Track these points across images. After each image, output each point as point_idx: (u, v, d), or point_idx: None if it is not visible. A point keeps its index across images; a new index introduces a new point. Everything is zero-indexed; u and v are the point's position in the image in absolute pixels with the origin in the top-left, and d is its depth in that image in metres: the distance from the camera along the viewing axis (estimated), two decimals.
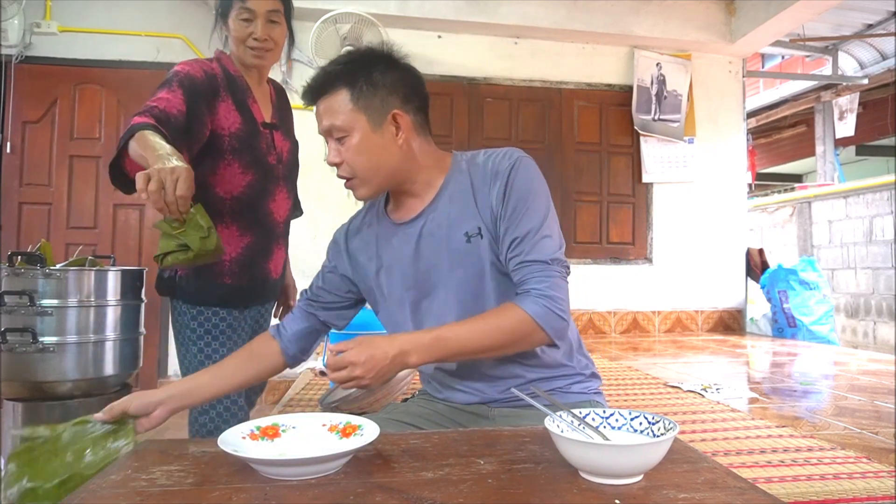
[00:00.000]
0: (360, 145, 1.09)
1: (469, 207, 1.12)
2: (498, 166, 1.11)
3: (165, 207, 1.06)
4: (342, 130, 1.09)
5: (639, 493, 0.68)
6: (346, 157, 1.10)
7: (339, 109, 1.09)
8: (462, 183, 1.14)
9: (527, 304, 1.03)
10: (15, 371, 1.66)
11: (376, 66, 1.11)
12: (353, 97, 1.08)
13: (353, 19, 3.80)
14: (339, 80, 1.09)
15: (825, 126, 7.78)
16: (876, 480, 1.39)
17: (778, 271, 4.65)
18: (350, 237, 1.27)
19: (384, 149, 1.11)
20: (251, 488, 0.70)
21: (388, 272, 1.19)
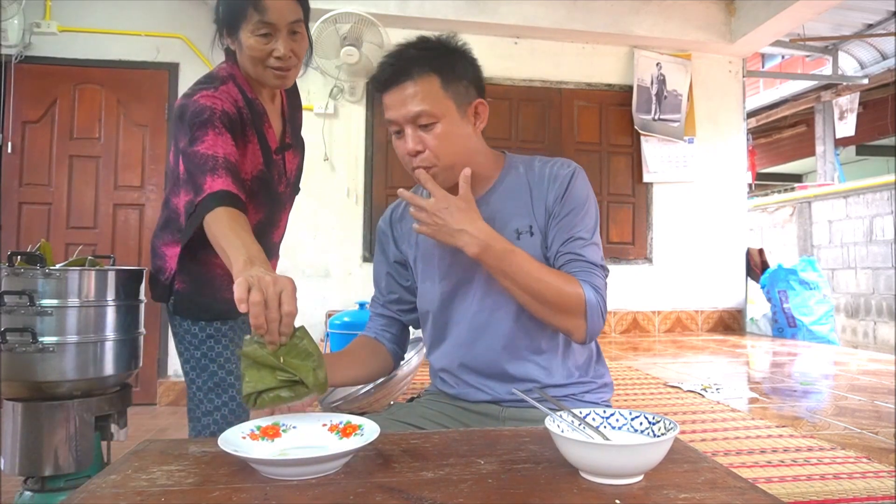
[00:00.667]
0: (449, 133, 1.09)
1: (524, 206, 1.15)
2: (557, 172, 1.15)
3: (264, 326, 0.86)
4: (432, 117, 1.07)
5: (639, 493, 0.68)
6: (430, 144, 1.08)
7: (431, 95, 1.07)
8: (518, 182, 1.17)
9: (588, 290, 1.05)
10: (15, 371, 1.66)
11: (459, 56, 1.12)
12: (443, 84, 1.08)
13: (353, 19, 3.80)
14: (428, 65, 1.08)
15: (825, 126, 7.78)
16: (876, 480, 1.39)
17: (778, 271, 4.65)
18: (394, 223, 1.29)
19: (468, 138, 1.13)
20: (251, 488, 0.70)
21: (424, 259, 1.21)
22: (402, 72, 1.08)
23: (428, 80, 1.07)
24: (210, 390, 1.55)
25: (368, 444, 0.79)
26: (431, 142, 1.08)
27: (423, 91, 1.07)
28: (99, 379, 1.77)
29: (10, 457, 1.69)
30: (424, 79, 1.07)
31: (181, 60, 4.06)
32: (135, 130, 4.03)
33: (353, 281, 4.15)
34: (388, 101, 1.10)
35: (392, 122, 1.11)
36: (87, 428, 1.74)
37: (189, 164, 1.27)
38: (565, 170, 1.15)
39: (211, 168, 1.21)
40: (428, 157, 1.09)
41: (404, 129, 1.09)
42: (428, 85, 1.07)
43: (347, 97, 4.18)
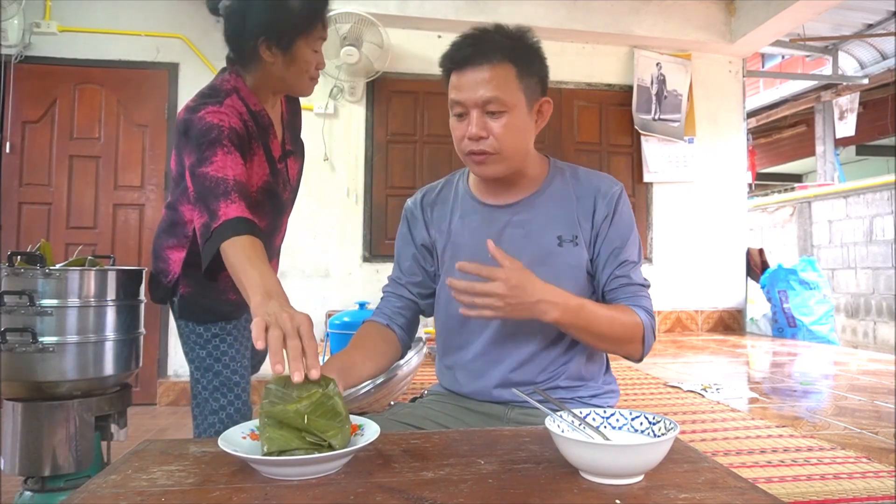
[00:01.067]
0: (515, 125, 1.08)
1: (568, 214, 1.15)
2: (606, 189, 1.16)
3: (282, 364, 0.81)
4: (503, 105, 1.06)
5: (639, 493, 0.68)
6: (496, 132, 1.07)
7: (506, 84, 1.06)
8: (564, 189, 1.17)
9: (643, 315, 1.09)
10: (15, 371, 1.66)
11: (535, 51, 1.11)
12: (518, 75, 1.07)
13: (353, 19, 3.80)
14: (507, 54, 1.07)
15: (825, 126, 7.78)
16: (876, 480, 1.39)
17: (778, 271, 4.65)
18: (426, 207, 1.25)
19: (530, 133, 1.12)
20: (251, 488, 0.70)
21: (454, 249, 1.19)
22: (481, 54, 1.06)
23: (505, 68, 1.06)
24: (215, 389, 1.55)
25: (369, 444, 0.79)
26: (497, 130, 1.07)
27: (500, 78, 1.06)
28: (99, 379, 1.77)
29: (10, 457, 1.69)
30: (503, 66, 1.06)
31: (181, 60, 4.06)
32: (135, 130, 4.03)
33: (353, 281, 4.15)
34: (460, 81, 1.08)
35: (458, 103, 1.09)
36: (87, 428, 1.74)
37: (199, 186, 1.26)
38: (613, 188, 1.16)
39: (223, 192, 1.21)
40: (491, 143, 1.07)
41: (470, 112, 1.07)
42: (504, 73, 1.06)
43: (347, 97, 4.18)
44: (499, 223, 1.16)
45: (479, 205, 1.19)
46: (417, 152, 4.30)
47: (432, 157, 4.28)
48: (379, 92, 4.24)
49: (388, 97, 4.25)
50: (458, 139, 1.11)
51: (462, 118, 1.10)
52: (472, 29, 1.11)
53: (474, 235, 1.16)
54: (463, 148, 1.11)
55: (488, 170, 1.11)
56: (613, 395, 1.23)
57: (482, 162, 1.10)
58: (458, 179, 1.26)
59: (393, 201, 4.22)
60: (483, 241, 1.11)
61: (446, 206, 1.23)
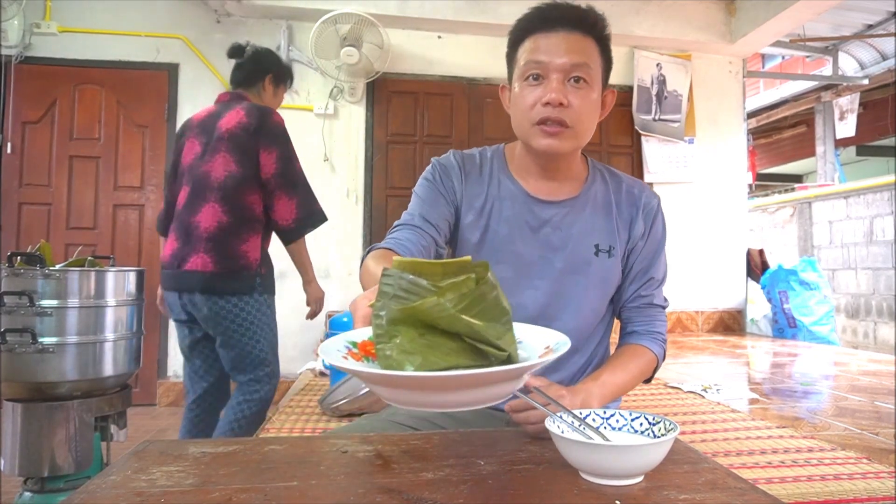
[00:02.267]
0: (593, 101, 1.04)
1: (607, 224, 1.12)
2: (646, 201, 1.14)
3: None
4: (589, 76, 1.01)
5: (639, 494, 0.68)
6: (576, 103, 1.01)
7: (592, 57, 1.02)
8: (605, 195, 1.14)
9: (656, 347, 1.10)
10: (15, 371, 1.66)
11: (609, 40, 1.07)
12: (600, 54, 1.04)
13: (353, 19, 3.80)
14: (594, 31, 1.03)
15: (825, 126, 7.78)
16: (876, 481, 1.39)
17: (778, 272, 4.65)
18: (463, 171, 1.14)
19: (597, 117, 1.07)
20: (251, 489, 0.70)
21: (482, 231, 1.11)
22: (577, 20, 1.01)
23: (592, 44, 1.03)
24: (272, 348, 2.07)
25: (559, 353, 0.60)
26: (577, 101, 1.00)
27: (588, 50, 1.02)
28: (99, 379, 1.77)
29: (10, 457, 1.69)
30: (590, 41, 1.02)
31: (181, 61, 4.06)
32: (135, 131, 4.03)
33: (353, 281, 4.15)
34: (546, 41, 1.01)
35: (539, 63, 1.01)
36: (87, 428, 1.74)
37: (297, 176, 2.05)
38: (652, 201, 1.15)
39: (311, 191, 2.12)
40: (570, 114, 1.00)
41: (550, 76, 1.00)
42: (592, 48, 1.03)
43: (347, 97, 4.18)
44: (538, 219, 1.10)
45: (520, 192, 1.12)
46: (417, 153, 4.30)
47: (432, 157, 4.27)
48: (379, 92, 4.24)
49: (388, 97, 4.26)
50: (527, 106, 1.02)
51: (538, 82, 1.02)
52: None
53: (510, 225, 1.10)
54: (533, 116, 1.02)
55: (559, 144, 1.03)
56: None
57: (555, 134, 1.02)
58: (493, 157, 1.16)
59: (393, 202, 4.22)
60: (519, 231, 1.09)
61: (482, 182, 1.13)
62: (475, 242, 1.12)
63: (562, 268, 1.09)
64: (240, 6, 3.98)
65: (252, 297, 1.98)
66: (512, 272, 1.10)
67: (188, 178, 2.04)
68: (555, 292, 1.09)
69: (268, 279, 2.06)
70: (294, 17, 4.12)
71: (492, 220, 1.11)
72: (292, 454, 0.83)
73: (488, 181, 1.14)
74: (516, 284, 1.10)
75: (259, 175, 1.98)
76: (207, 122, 2.08)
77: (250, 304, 1.98)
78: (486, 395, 0.55)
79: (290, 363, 3.88)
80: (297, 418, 1.92)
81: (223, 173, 1.96)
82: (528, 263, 1.10)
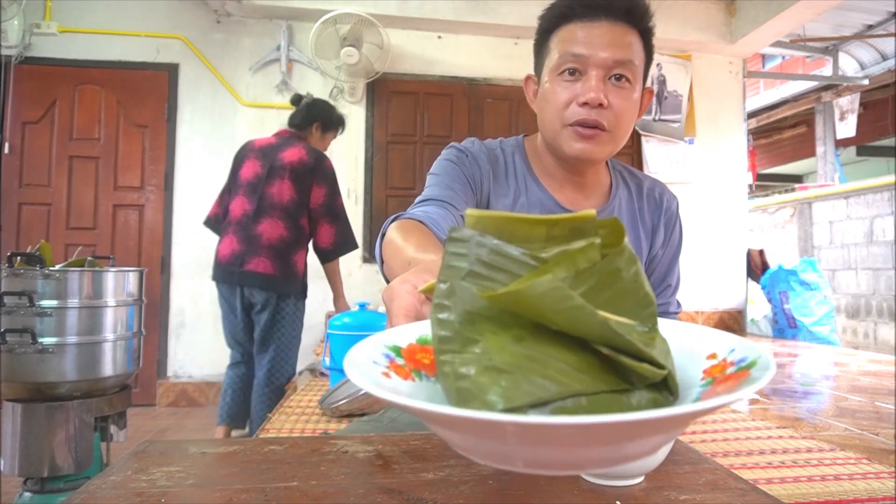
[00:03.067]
0: (635, 102, 0.93)
1: (634, 235, 1.04)
2: (667, 205, 1.07)
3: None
4: (632, 73, 0.90)
5: (640, 495, 0.68)
6: (618, 105, 0.89)
7: (637, 55, 0.92)
8: (629, 201, 1.06)
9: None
10: (14, 372, 1.66)
11: (652, 33, 0.95)
12: (644, 49, 0.94)
13: (353, 20, 3.80)
14: (639, 23, 0.92)
15: (826, 126, 7.78)
16: (876, 481, 1.39)
17: (778, 272, 4.65)
18: (490, 160, 1.01)
19: (636, 119, 0.96)
20: (251, 489, 0.70)
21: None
22: (625, 9, 0.89)
23: (637, 38, 0.91)
24: (297, 341, 2.59)
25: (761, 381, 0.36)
26: (618, 102, 0.89)
27: (633, 45, 0.90)
28: (98, 380, 1.77)
29: (10, 457, 1.69)
30: (635, 34, 0.91)
31: (181, 61, 4.06)
32: (135, 131, 4.03)
33: (353, 282, 4.14)
34: (586, 31, 0.89)
35: (577, 56, 0.89)
36: (87, 429, 1.74)
37: (341, 211, 2.56)
38: (674, 204, 1.09)
39: (349, 223, 2.62)
40: (609, 117, 0.89)
41: (589, 72, 0.89)
42: (637, 42, 0.92)
43: (347, 98, 4.18)
44: None
45: (550, 201, 1.00)
46: (417, 153, 4.30)
47: (432, 157, 4.21)
48: (379, 92, 4.24)
49: (388, 98, 4.26)
50: (561, 104, 0.91)
51: (574, 77, 0.90)
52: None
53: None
54: (567, 116, 0.90)
55: (594, 149, 0.92)
56: None
57: (591, 137, 0.90)
58: (514, 153, 1.04)
59: (393, 202, 4.22)
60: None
61: (509, 182, 1.01)
62: None
63: None
64: (240, 6, 3.98)
65: (293, 299, 2.52)
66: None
67: (247, 192, 2.53)
68: None
69: (305, 285, 2.60)
70: (294, 18, 4.12)
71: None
72: (292, 454, 0.82)
73: (515, 183, 1.01)
74: None
75: (309, 203, 2.54)
76: (268, 150, 2.59)
77: (291, 304, 2.52)
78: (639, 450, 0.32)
79: None
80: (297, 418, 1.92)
81: (287, 197, 2.49)
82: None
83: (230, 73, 4.10)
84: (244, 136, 4.09)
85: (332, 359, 2.07)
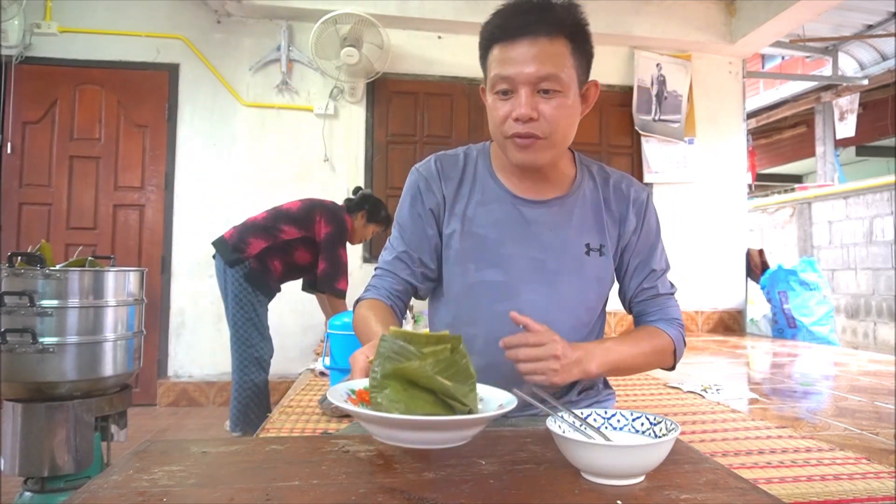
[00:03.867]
0: (567, 107, 0.98)
1: (597, 222, 1.10)
2: (635, 196, 1.12)
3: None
4: (558, 84, 0.95)
5: (640, 494, 0.68)
6: (548, 114, 0.96)
7: (562, 61, 0.95)
8: (594, 193, 1.11)
9: (672, 330, 1.08)
10: (15, 371, 1.66)
11: (586, 28, 1.00)
12: (573, 53, 0.97)
13: (353, 20, 3.80)
14: (563, 27, 0.95)
15: (825, 127, 7.79)
16: (876, 481, 1.39)
17: (778, 272, 4.66)
18: (443, 178, 1.11)
19: (577, 117, 1.03)
20: (253, 488, 0.70)
21: (469, 238, 1.08)
22: (539, 24, 0.94)
23: (562, 43, 0.95)
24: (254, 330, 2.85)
25: (511, 408, 0.74)
26: (549, 112, 0.96)
27: (556, 54, 0.94)
28: (99, 379, 1.77)
29: (10, 457, 1.69)
30: (559, 41, 0.95)
31: (181, 61, 4.06)
32: (135, 131, 4.03)
33: (352, 282, 4.12)
34: (510, 53, 0.95)
35: (505, 78, 0.96)
36: (87, 428, 1.74)
37: (337, 257, 2.89)
38: (642, 195, 1.13)
39: (343, 273, 2.90)
40: (542, 126, 0.96)
41: (519, 89, 0.96)
42: (561, 49, 0.95)
43: (347, 98, 4.18)
44: (528, 221, 1.07)
45: (505, 194, 1.09)
46: (417, 153, 4.30)
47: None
48: (379, 92, 4.24)
49: (388, 98, 4.26)
50: (499, 120, 0.99)
51: (507, 96, 0.98)
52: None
53: (499, 229, 1.07)
54: (506, 130, 0.99)
55: (534, 157, 1.00)
56: (612, 397, 1.23)
57: (528, 147, 0.98)
58: (478, 157, 1.13)
59: (393, 202, 4.18)
60: (509, 234, 1.06)
61: (464, 186, 1.10)
62: (461, 250, 1.09)
63: (555, 268, 1.07)
64: (240, 6, 3.98)
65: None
66: (504, 276, 1.07)
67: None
68: (549, 293, 1.07)
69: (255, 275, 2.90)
70: (294, 18, 4.12)
71: (477, 226, 1.08)
72: (294, 454, 0.83)
73: (472, 184, 1.11)
74: (510, 288, 1.07)
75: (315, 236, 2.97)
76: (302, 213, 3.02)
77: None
78: (449, 437, 0.71)
79: (290, 363, 3.88)
80: (298, 418, 1.92)
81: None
82: (520, 266, 1.07)
83: (230, 73, 4.11)
84: (244, 135, 4.10)
85: (333, 359, 2.07)
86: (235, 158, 4.10)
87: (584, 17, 1.00)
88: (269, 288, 2.87)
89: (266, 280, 2.85)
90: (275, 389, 3.27)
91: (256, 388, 2.82)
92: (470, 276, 1.08)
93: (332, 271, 2.87)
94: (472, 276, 1.08)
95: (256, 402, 2.82)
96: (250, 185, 4.09)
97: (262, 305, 2.88)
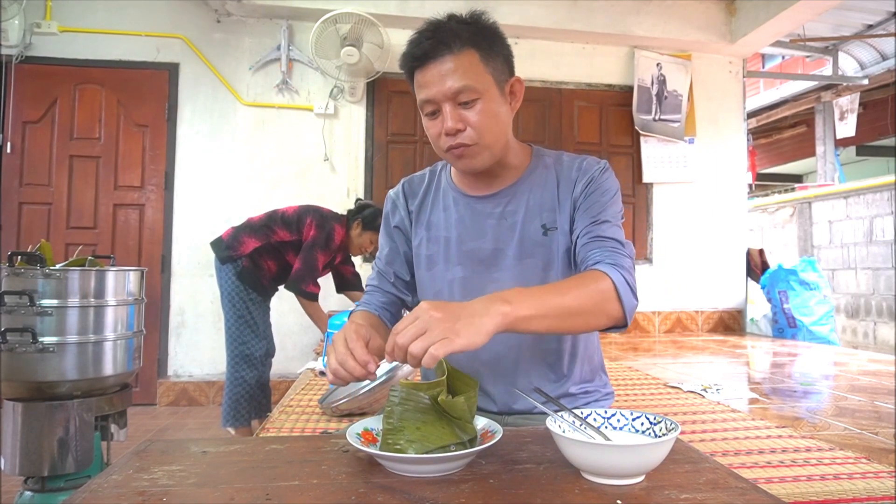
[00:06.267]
0: (490, 110, 1.04)
1: (551, 201, 1.12)
2: (588, 167, 1.13)
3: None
4: (474, 93, 1.02)
5: (640, 494, 0.68)
6: (472, 122, 1.03)
7: (472, 70, 1.02)
8: (547, 177, 1.14)
9: (612, 272, 0.96)
10: (15, 371, 1.66)
11: (493, 31, 1.07)
12: (482, 59, 1.03)
13: (353, 19, 3.80)
14: (468, 39, 1.02)
15: (825, 126, 7.79)
16: (876, 481, 1.39)
17: (778, 272, 4.65)
18: (408, 196, 1.23)
19: (506, 117, 1.08)
20: (252, 488, 0.70)
21: (434, 242, 1.17)
22: (441, 45, 1.01)
23: (468, 54, 1.02)
24: (246, 327, 2.87)
25: (500, 438, 0.78)
26: (473, 119, 1.03)
27: (465, 66, 1.01)
28: (99, 379, 1.77)
29: (11, 457, 1.69)
30: (465, 53, 1.02)
31: (181, 60, 4.06)
32: (135, 130, 4.03)
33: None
34: (425, 77, 1.03)
35: (428, 101, 1.04)
36: (87, 428, 1.74)
37: (312, 259, 2.85)
38: (596, 166, 1.13)
39: (312, 276, 2.86)
40: (470, 135, 1.03)
41: (442, 107, 1.03)
42: (469, 59, 1.02)
43: (347, 97, 4.18)
44: (482, 214, 1.13)
45: (462, 196, 1.16)
46: (417, 152, 4.31)
47: (432, 157, 4.28)
48: (379, 92, 4.24)
49: (388, 97, 4.26)
50: (434, 137, 1.07)
51: (435, 116, 1.05)
52: (425, 23, 1.06)
53: (458, 228, 1.15)
54: (441, 145, 1.06)
55: (471, 163, 1.06)
56: (610, 396, 1.23)
57: (463, 155, 1.05)
58: (441, 170, 1.23)
59: None
60: (467, 232, 1.13)
61: (428, 198, 1.21)
62: (428, 255, 1.17)
63: (515, 254, 1.10)
64: (240, 6, 3.98)
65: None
66: (469, 271, 1.13)
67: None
68: (515, 278, 1.10)
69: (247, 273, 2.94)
70: (294, 17, 4.12)
71: (439, 230, 1.17)
72: (294, 453, 0.83)
73: (434, 195, 1.20)
74: (475, 282, 1.12)
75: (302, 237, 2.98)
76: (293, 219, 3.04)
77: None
78: (459, 465, 0.77)
79: (290, 363, 3.89)
80: (298, 418, 1.92)
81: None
82: (481, 259, 1.13)
83: (230, 72, 4.11)
84: (244, 135, 4.10)
85: None
86: (235, 158, 4.10)
87: (488, 22, 1.06)
88: (262, 287, 2.89)
89: (259, 279, 2.87)
90: (275, 389, 3.27)
91: (246, 384, 2.85)
92: (439, 277, 1.16)
93: (303, 272, 2.85)
94: (440, 277, 1.16)
95: (247, 398, 2.86)
96: (250, 184, 4.09)
97: (256, 304, 2.88)
